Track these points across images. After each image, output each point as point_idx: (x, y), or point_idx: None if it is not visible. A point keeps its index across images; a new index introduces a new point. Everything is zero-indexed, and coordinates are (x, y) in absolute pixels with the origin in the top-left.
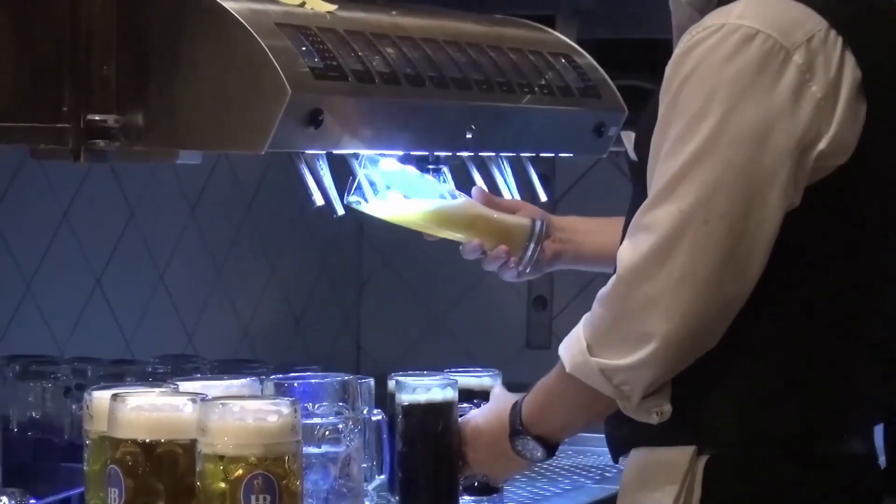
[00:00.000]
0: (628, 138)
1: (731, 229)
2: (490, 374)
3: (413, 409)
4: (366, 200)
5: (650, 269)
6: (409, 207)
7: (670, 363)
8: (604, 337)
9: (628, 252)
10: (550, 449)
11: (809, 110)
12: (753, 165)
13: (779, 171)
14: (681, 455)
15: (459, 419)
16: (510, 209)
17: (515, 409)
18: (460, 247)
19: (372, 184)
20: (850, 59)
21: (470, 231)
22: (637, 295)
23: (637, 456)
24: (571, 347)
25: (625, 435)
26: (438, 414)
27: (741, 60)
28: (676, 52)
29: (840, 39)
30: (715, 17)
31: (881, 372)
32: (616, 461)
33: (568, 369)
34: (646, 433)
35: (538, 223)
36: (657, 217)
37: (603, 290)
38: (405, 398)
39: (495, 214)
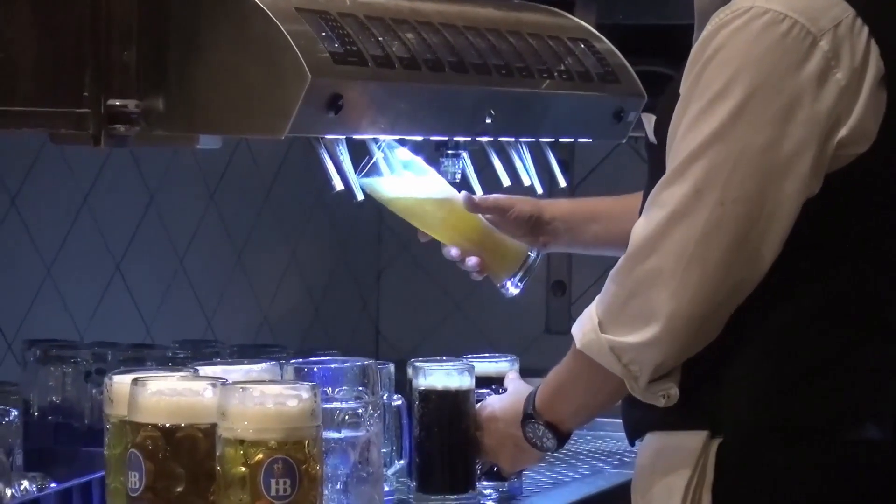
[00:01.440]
0: (648, 121)
1: (746, 213)
2: (507, 359)
3: (429, 395)
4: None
5: (658, 241)
6: (416, 191)
7: (678, 344)
8: (614, 313)
9: (641, 226)
10: (561, 438)
11: (833, 97)
12: (772, 150)
13: (798, 157)
14: (694, 439)
15: (477, 405)
16: (504, 207)
17: (530, 396)
18: (442, 247)
19: (388, 165)
20: (874, 50)
21: (464, 239)
22: (644, 268)
23: (651, 440)
24: (584, 325)
25: (639, 419)
26: (455, 400)
27: (766, 43)
28: (704, 33)
29: (866, 28)
30: (743, 0)
31: (894, 358)
32: (632, 444)
33: (579, 346)
34: (660, 418)
35: (533, 256)
36: (672, 194)
37: (615, 268)
38: (422, 383)
39: (496, 232)
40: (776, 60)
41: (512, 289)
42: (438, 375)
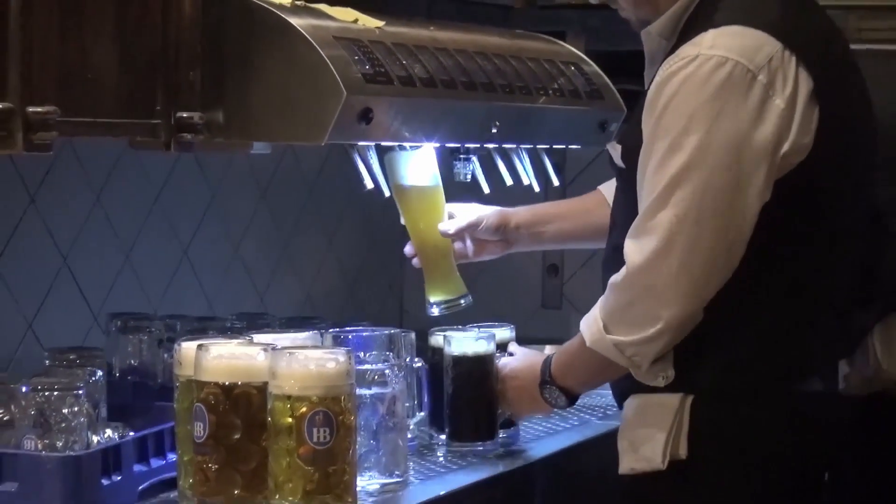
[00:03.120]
0: (615, 149)
1: (718, 227)
2: (507, 327)
3: (461, 359)
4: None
5: (653, 265)
6: (414, 181)
7: (673, 338)
8: (616, 318)
9: (636, 253)
10: (572, 399)
11: (775, 120)
12: (734, 172)
13: (755, 174)
14: (671, 399)
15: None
16: (473, 224)
17: (546, 363)
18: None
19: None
20: (802, 73)
21: (428, 246)
22: (643, 286)
23: (635, 400)
24: (591, 326)
25: (626, 386)
26: (482, 363)
27: (715, 84)
28: (657, 79)
29: (794, 57)
30: (689, 49)
31: (835, 324)
32: (620, 407)
33: (588, 344)
34: (643, 384)
35: (466, 300)
36: (658, 221)
37: (615, 280)
38: (454, 349)
39: (451, 260)
40: (725, 97)
41: (434, 310)
42: (468, 342)
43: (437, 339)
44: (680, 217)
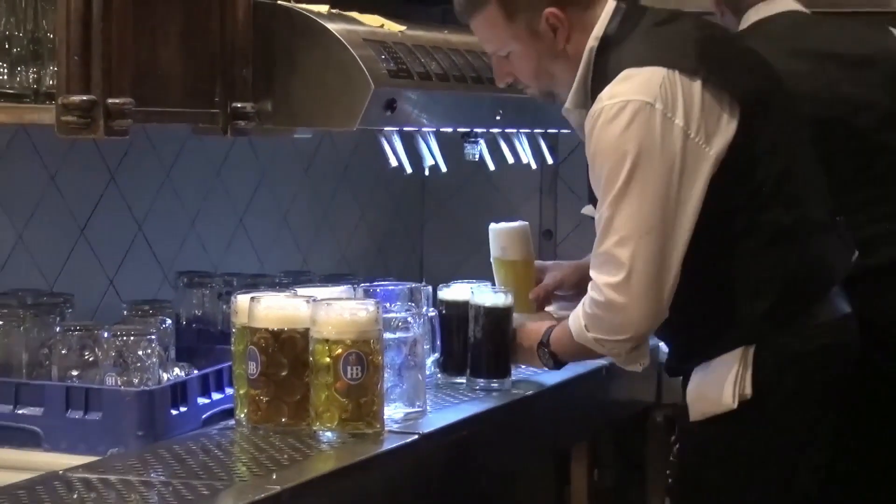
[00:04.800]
0: (590, 211)
1: (659, 235)
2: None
3: (488, 310)
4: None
5: (612, 288)
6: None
7: (644, 337)
8: (595, 323)
9: (603, 279)
10: (559, 364)
11: (680, 137)
12: (657, 189)
13: (679, 184)
14: (732, 355)
15: None
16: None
17: (548, 330)
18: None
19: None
20: (686, 80)
21: (518, 305)
22: (609, 307)
23: (701, 366)
24: (576, 324)
25: (686, 369)
26: (503, 313)
27: (622, 124)
28: (586, 133)
29: (676, 72)
30: (595, 106)
31: (833, 242)
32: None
33: (574, 338)
34: (703, 357)
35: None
36: (606, 247)
37: (592, 294)
38: (478, 301)
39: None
40: (634, 131)
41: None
42: (499, 297)
43: (450, 294)
44: (622, 237)
